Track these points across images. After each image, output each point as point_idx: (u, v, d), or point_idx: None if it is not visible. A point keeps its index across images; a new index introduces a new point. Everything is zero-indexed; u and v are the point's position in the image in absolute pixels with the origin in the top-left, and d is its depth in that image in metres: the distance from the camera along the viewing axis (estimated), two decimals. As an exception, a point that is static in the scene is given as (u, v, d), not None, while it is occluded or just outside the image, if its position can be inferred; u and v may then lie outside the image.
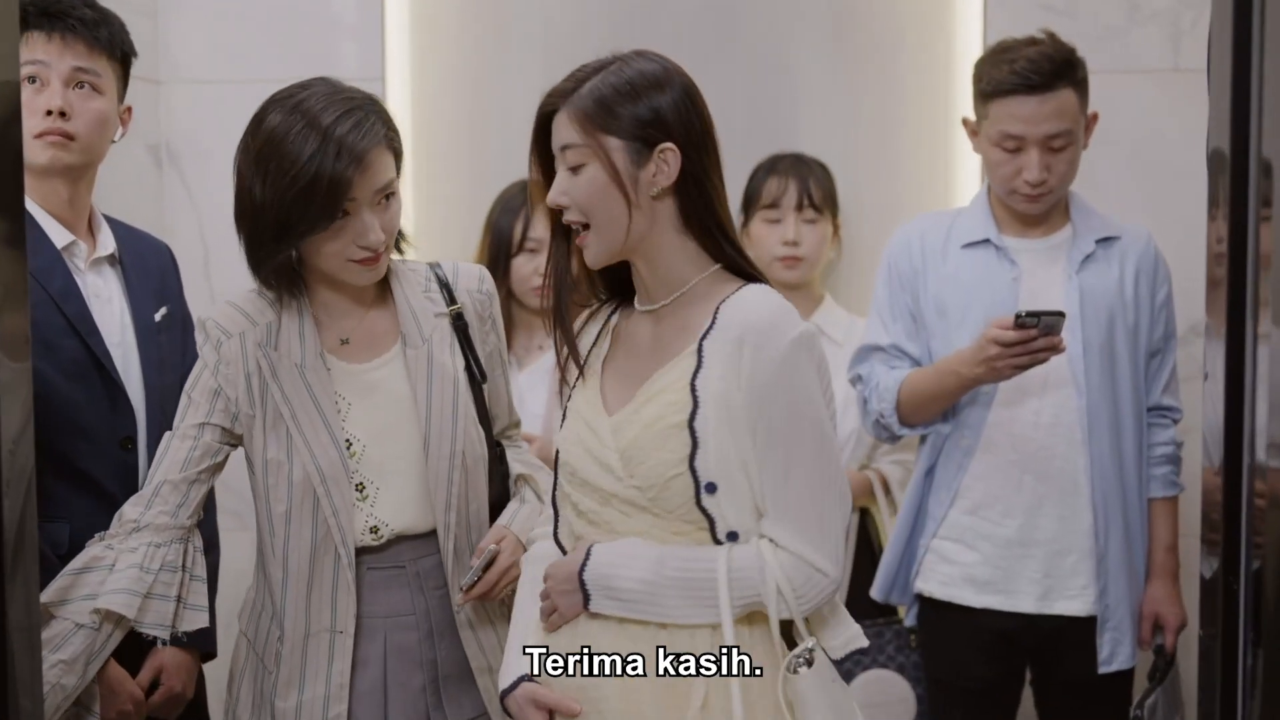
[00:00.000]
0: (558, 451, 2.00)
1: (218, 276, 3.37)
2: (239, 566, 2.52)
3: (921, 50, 3.40)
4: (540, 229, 3.11)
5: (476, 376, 2.24)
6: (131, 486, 2.33)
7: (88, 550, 2.12)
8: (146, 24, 3.29)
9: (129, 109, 2.45)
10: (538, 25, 3.45)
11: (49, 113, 2.28)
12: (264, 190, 2.04)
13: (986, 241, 2.78)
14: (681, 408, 1.86)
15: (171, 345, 2.49)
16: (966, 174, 3.40)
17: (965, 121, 2.83)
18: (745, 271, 1.97)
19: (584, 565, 1.91)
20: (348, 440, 2.16)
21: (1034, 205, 2.73)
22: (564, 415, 2.01)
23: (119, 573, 2.08)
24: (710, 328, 1.89)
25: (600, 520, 1.95)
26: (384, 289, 2.24)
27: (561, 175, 1.93)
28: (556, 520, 2.03)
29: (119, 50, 2.38)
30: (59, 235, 2.36)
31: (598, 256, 1.93)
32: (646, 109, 1.89)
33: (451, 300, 2.25)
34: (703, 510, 1.88)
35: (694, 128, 1.91)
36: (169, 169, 3.44)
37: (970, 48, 3.34)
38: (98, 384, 2.33)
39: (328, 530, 2.13)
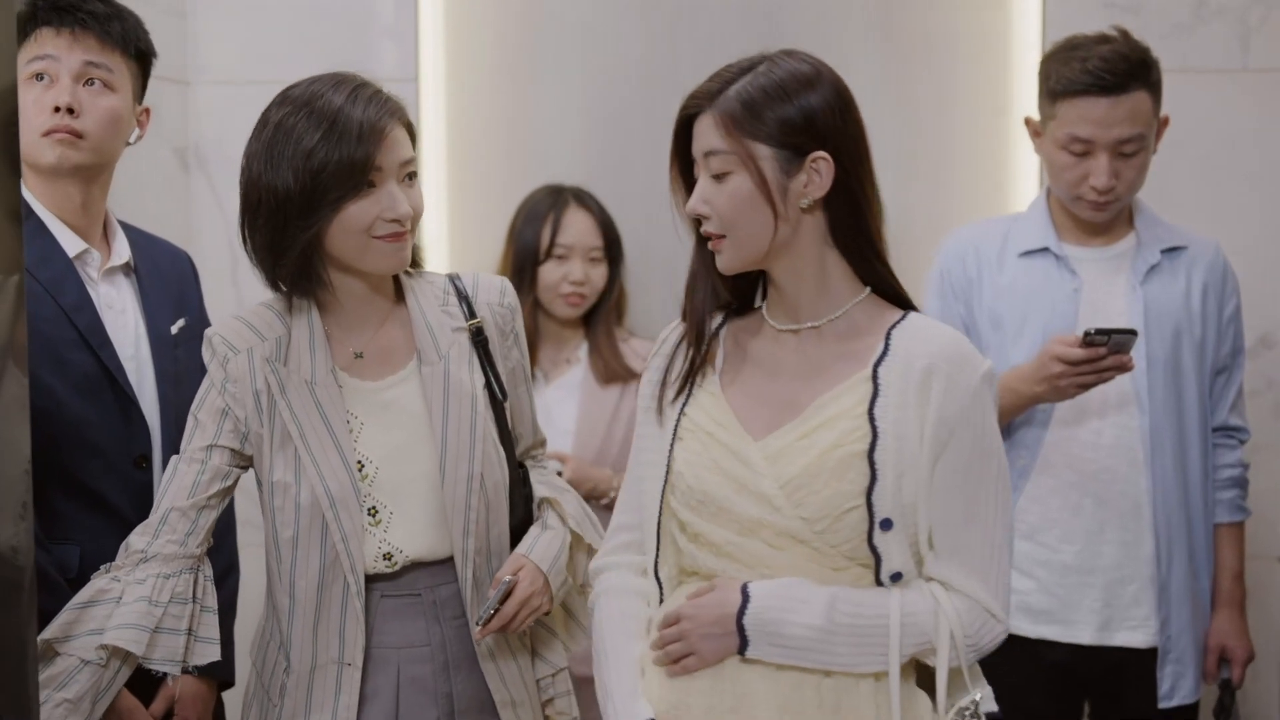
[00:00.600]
0: (669, 473, 1.87)
1: (246, 285, 3.23)
2: (263, 585, 2.43)
3: (975, 48, 3.34)
4: (570, 235, 3.06)
5: (497, 394, 2.16)
6: (145, 507, 2.25)
7: (93, 583, 2.04)
8: (174, 23, 3.24)
9: (147, 110, 2.36)
10: (576, 27, 3.39)
11: (56, 109, 2.19)
12: (283, 175, 1.98)
13: (1045, 250, 2.69)
14: (860, 437, 1.77)
15: (190, 359, 2.39)
16: (1023, 178, 3.33)
17: (1028, 121, 2.74)
18: (896, 296, 1.88)
19: (744, 609, 1.78)
20: (359, 462, 2.08)
21: (1099, 213, 2.64)
22: (674, 433, 1.88)
23: (126, 606, 1.99)
24: (884, 354, 1.80)
25: (739, 554, 1.82)
26: (399, 302, 2.16)
27: (704, 182, 1.83)
28: (658, 551, 1.90)
29: (133, 47, 2.28)
30: (71, 243, 2.28)
31: (731, 264, 1.85)
32: (798, 114, 1.78)
33: (471, 314, 2.17)
34: (872, 548, 1.77)
35: (848, 135, 1.81)
36: (196, 173, 3.37)
37: (1028, 45, 3.27)
38: (110, 400, 2.25)
39: (336, 557, 2.05)
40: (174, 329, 2.40)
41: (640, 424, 1.96)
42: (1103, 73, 2.53)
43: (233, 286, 3.28)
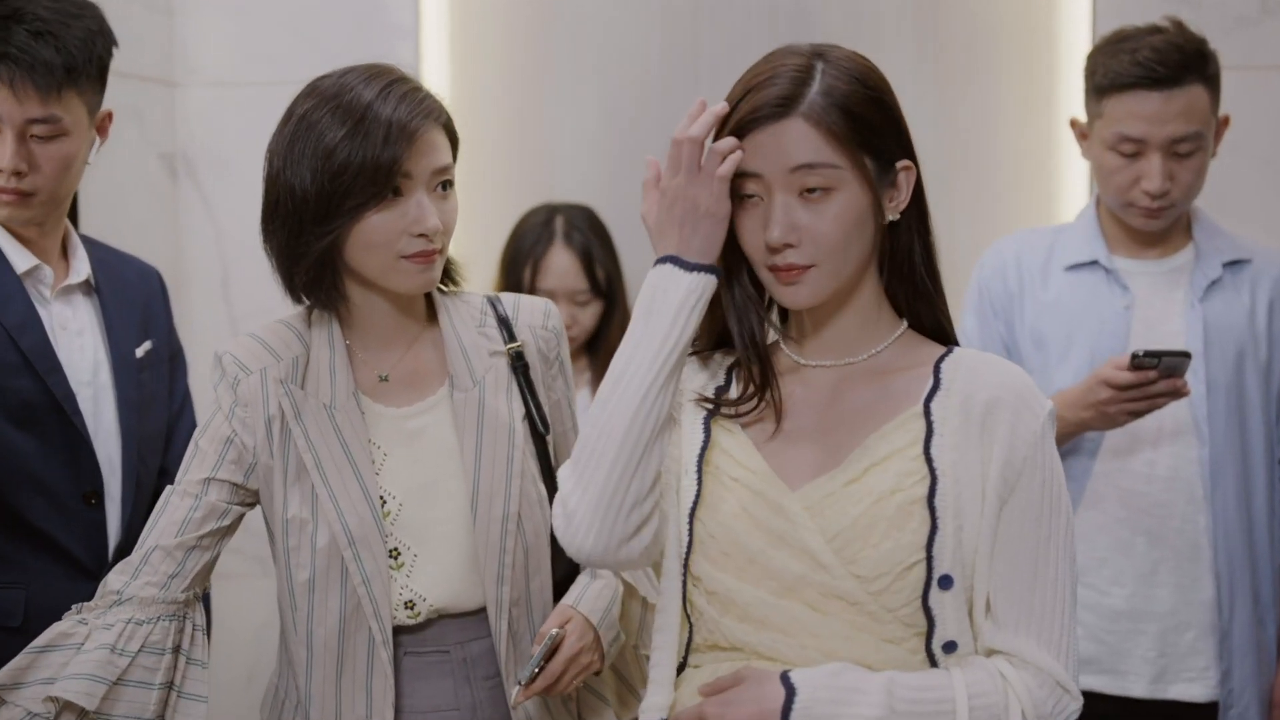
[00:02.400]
0: (690, 528, 1.67)
1: (239, 300, 3.22)
2: (260, 618, 2.27)
3: (1020, 47, 3.27)
4: (551, 279, 3.00)
5: (539, 426, 1.99)
6: (99, 548, 2.16)
7: (57, 625, 1.88)
8: (161, 21, 3.16)
9: (109, 115, 2.24)
10: (595, 30, 3.32)
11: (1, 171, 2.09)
12: (301, 173, 1.85)
13: (1094, 263, 2.58)
14: (919, 480, 1.60)
15: (157, 384, 2.30)
16: (1072, 186, 3.26)
17: (1074, 123, 2.63)
18: (938, 331, 1.71)
19: (790, 706, 1.55)
20: (381, 497, 1.92)
21: (1153, 220, 2.52)
22: (696, 483, 1.68)
23: (85, 654, 1.82)
24: (935, 388, 1.64)
25: (774, 618, 1.62)
26: (431, 321, 2.02)
27: (787, 204, 1.61)
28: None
29: (82, 75, 2.13)
30: (20, 259, 2.16)
31: (815, 297, 1.64)
32: (889, 116, 1.63)
33: (511, 337, 2.01)
34: (926, 610, 1.59)
35: (911, 140, 1.66)
36: (185, 180, 3.29)
37: (1077, 43, 3.19)
38: (55, 430, 2.13)
39: (358, 603, 1.89)
40: (139, 352, 2.28)
41: None
42: (1154, 64, 2.43)
43: (224, 303, 3.22)
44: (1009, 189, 3.28)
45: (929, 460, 1.60)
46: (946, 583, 1.58)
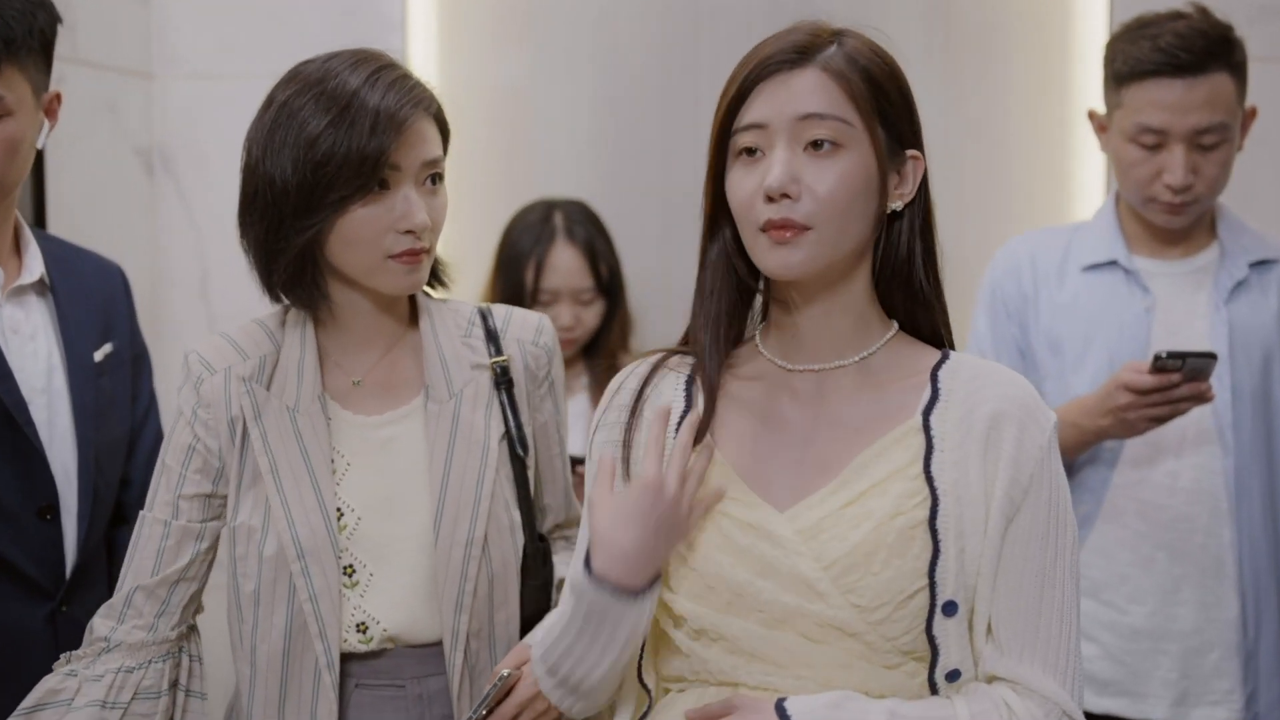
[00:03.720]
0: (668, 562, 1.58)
1: (218, 300, 3.15)
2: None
3: (1033, 36, 3.23)
4: (556, 278, 2.91)
5: (517, 448, 1.90)
6: (55, 565, 2.05)
7: (47, 680, 1.82)
8: (137, 10, 3.10)
9: (57, 96, 2.10)
10: (589, 20, 3.27)
11: None
12: (281, 164, 1.78)
13: (1113, 263, 2.54)
14: (920, 502, 1.52)
15: (117, 389, 2.19)
16: (1087, 182, 3.22)
17: (1092, 114, 2.58)
18: (932, 334, 1.64)
19: None
20: (339, 509, 1.84)
21: (1175, 217, 2.46)
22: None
23: (76, 712, 1.79)
24: (934, 399, 1.56)
25: (766, 650, 1.53)
26: (413, 326, 1.95)
27: (790, 154, 1.51)
28: (642, 654, 1.60)
29: (22, 49, 1.99)
30: None
31: (807, 265, 1.53)
32: (906, 97, 1.57)
33: (497, 351, 1.93)
34: (930, 638, 1.51)
35: (922, 135, 1.60)
36: (162, 176, 3.23)
37: (1093, 31, 3.16)
38: (6, 440, 2.01)
39: (304, 621, 1.80)
40: (98, 355, 2.17)
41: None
42: (1177, 50, 2.37)
43: (202, 303, 3.15)
44: (1021, 185, 3.25)
45: (929, 479, 1.52)
46: (950, 609, 1.51)
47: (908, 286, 1.60)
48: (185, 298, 3.04)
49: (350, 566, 1.83)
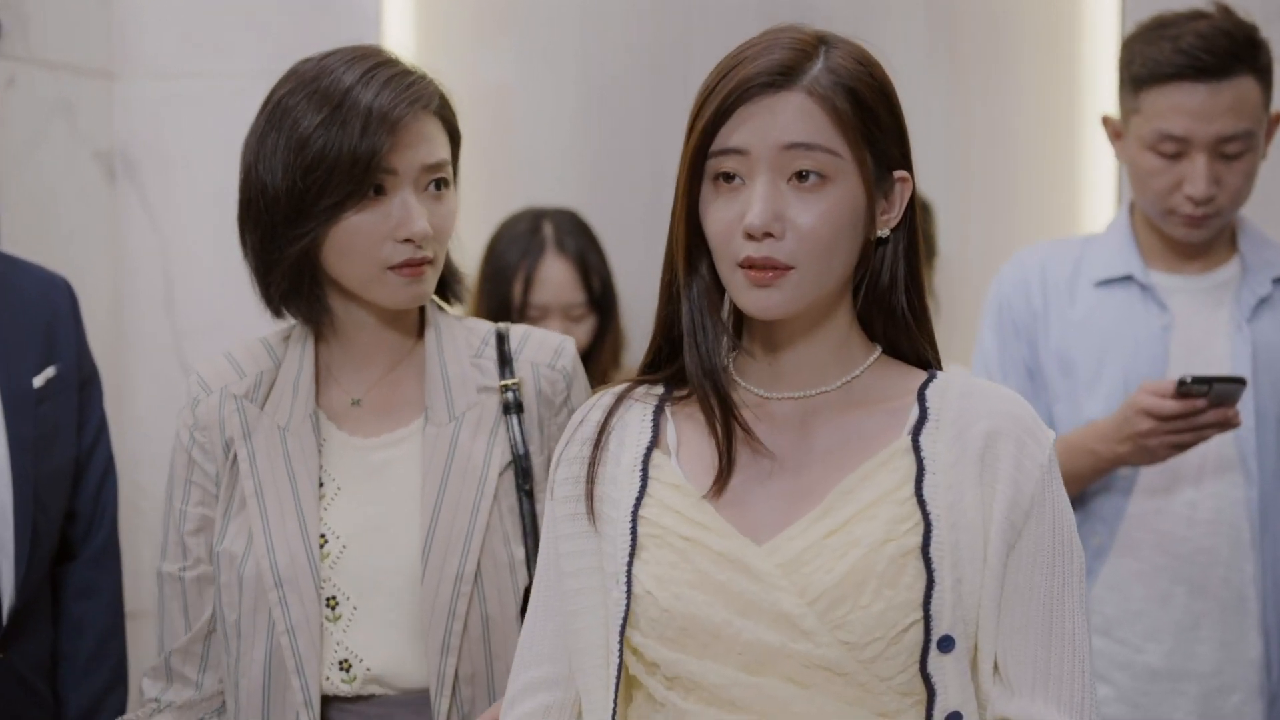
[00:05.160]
0: (629, 598, 1.48)
1: (183, 315, 3.08)
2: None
3: (1041, 38, 3.18)
4: (546, 293, 2.84)
5: (519, 479, 1.81)
6: None
7: None
8: (97, 6, 3.05)
9: None
10: (573, 17, 3.23)
11: None
12: (273, 168, 1.74)
13: (1128, 278, 2.48)
14: (912, 528, 1.46)
15: (62, 417, 2.09)
16: (1098, 192, 3.16)
17: (1106, 120, 2.51)
18: (916, 357, 1.59)
19: None
20: (323, 535, 1.77)
21: (1196, 230, 2.40)
22: (631, 536, 1.50)
23: None
24: (923, 419, 1.51)
25: (748, 698, 1.44)
26: (421, 344, 1.88)
27: (773, 189, 1.46)
28: (614, 708, 1.50)
29: None
30: None
31: (789, 306, 1.48)
32: (895, 116, 1.51)
33: (510, 374, 1.85)
34: (925, 678, 1.45)
35: (910, 150, 1.55)
36: (124, 182, 3.17)
37: (1104, 33, 3.10)
38: None
39: (284, 655, 1.74)
40: (38, 381, 2.08)
41: (557, 535, 1.57)
42: (1199, 52, 2.31)
43: (166, 317, 3.08)
44: (1029, 195, 3.20)
45: (921, 503, 1.46)
46: (947, 644, 1.45)
47: (889, 312, 1.55)
48: (149, 313, 2.99)
49: (333, 598, 1.77)
